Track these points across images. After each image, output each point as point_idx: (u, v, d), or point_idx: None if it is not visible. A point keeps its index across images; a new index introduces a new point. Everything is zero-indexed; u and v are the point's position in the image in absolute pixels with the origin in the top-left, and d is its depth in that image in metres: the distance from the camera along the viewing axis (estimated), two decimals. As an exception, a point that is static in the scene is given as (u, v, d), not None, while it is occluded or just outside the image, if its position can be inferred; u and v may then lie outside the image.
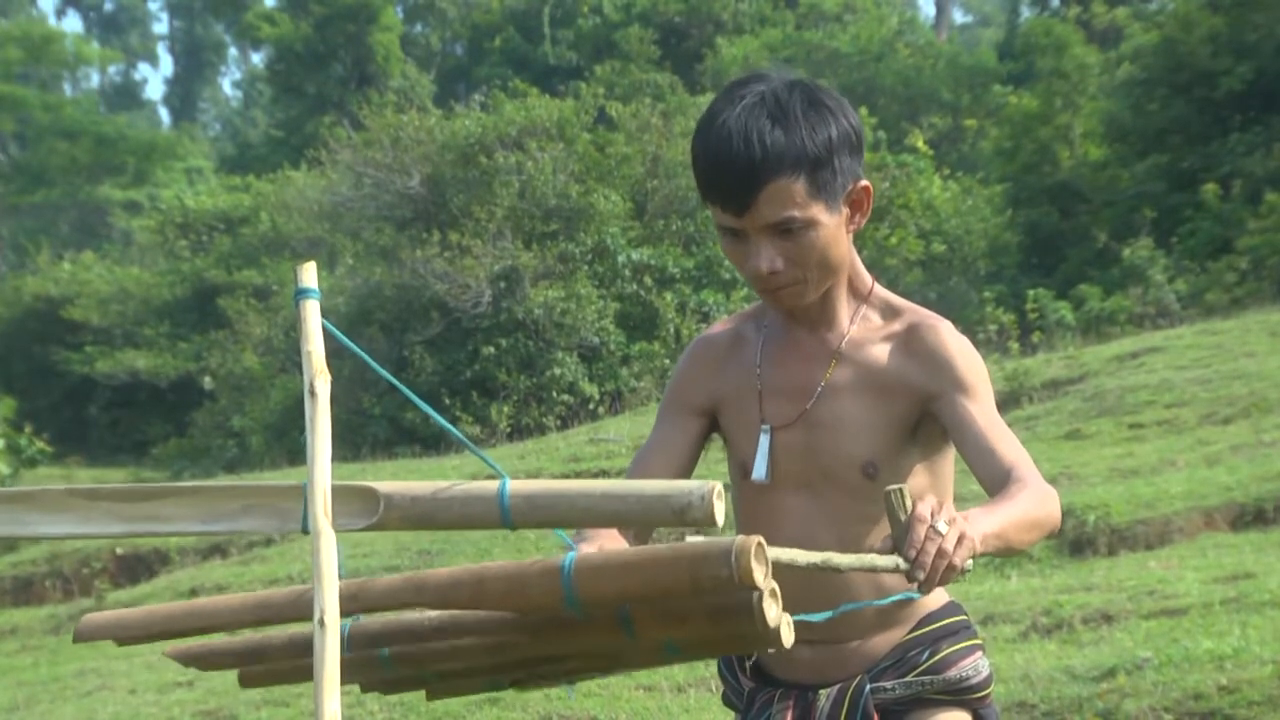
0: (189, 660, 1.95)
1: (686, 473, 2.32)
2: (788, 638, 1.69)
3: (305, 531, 1.63)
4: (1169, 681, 4.92)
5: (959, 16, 56.28)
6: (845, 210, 2.14)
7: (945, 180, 22.90)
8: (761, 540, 1.58)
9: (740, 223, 2.10)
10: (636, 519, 1.60)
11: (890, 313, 2.23)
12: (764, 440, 2.22)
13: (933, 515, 1.80)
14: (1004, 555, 1.99)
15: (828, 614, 1.88)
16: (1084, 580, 6.86)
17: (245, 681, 2.00)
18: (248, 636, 1.94)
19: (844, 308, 2.23)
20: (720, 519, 1.55)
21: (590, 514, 1.62)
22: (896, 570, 1.80)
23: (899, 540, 1.81)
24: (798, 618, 1.74)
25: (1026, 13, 33.40)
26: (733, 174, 2.06)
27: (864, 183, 2.15)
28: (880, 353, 2.20)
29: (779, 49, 29.41)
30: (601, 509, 1.61)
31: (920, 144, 23.29)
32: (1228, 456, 9.14)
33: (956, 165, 24.80)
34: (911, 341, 2.19)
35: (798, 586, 2.03)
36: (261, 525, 1.68)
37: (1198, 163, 19.84)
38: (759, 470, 2.22)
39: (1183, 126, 20.49)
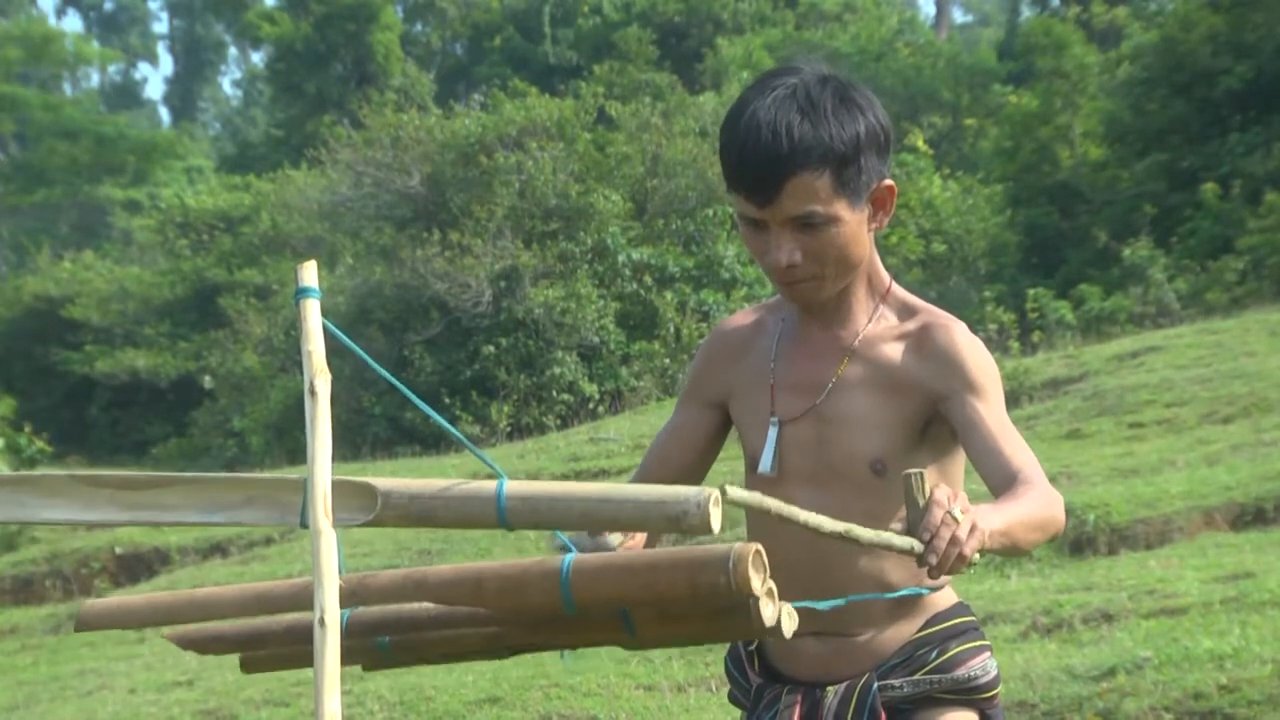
0: (188, 644, 1.95)
1: (703, 460, 2.35)
2: (789, 627, 1.69)
3: (304, 526, 1.64)
4: (1169, 681, 4.92)
5: (959, 16, 56.26)
6: (868, 208, 2.14)
7: (945, 180, 22.90)
8: (760, 548, 1.59)
9: (762, 214, 2.10)
10: (633, 524, 1.60)
11: (906, 312, 2.24)
12: (772, 433, 2.23)
13: (949, 501, 1.81)
14: (1008, 554, 2.00)
15: (834, 601, 1.88)
16: (1084, 580, 6.87)
17: (247, 667, 2.00)
18: (247, 622, 1.94)
19: (861, 305, 2.23)
20: (717, 526, 1.55)
21: (587, 517, 1.63)
22: (911, 552, 1.80)
23: (914, 523, 1.81)
24: (803, 604, 1.75)
25: (1026, 12, 33.39)
26: (758, 165, 2.07)
27: (888, 182, 2.15)
28: (893, 351, 2.20)
29: (779, 49, 29.39)
30: (598, 513, 1.61)
31: (920, 144, 23.29)
32: (1228, 456, 9.14)
33: (956, 165, 24.80)
34: (924, 341, 2.19)
35: (806, 577, 2.03)
36: (262, 518, 1.68)
37: (1197, 162, 19.82)
38: (765, 463, 2.23)
39: (1183, 126, 20.47)
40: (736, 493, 1.56)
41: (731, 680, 2.37)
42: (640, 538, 2.10)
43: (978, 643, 2.24)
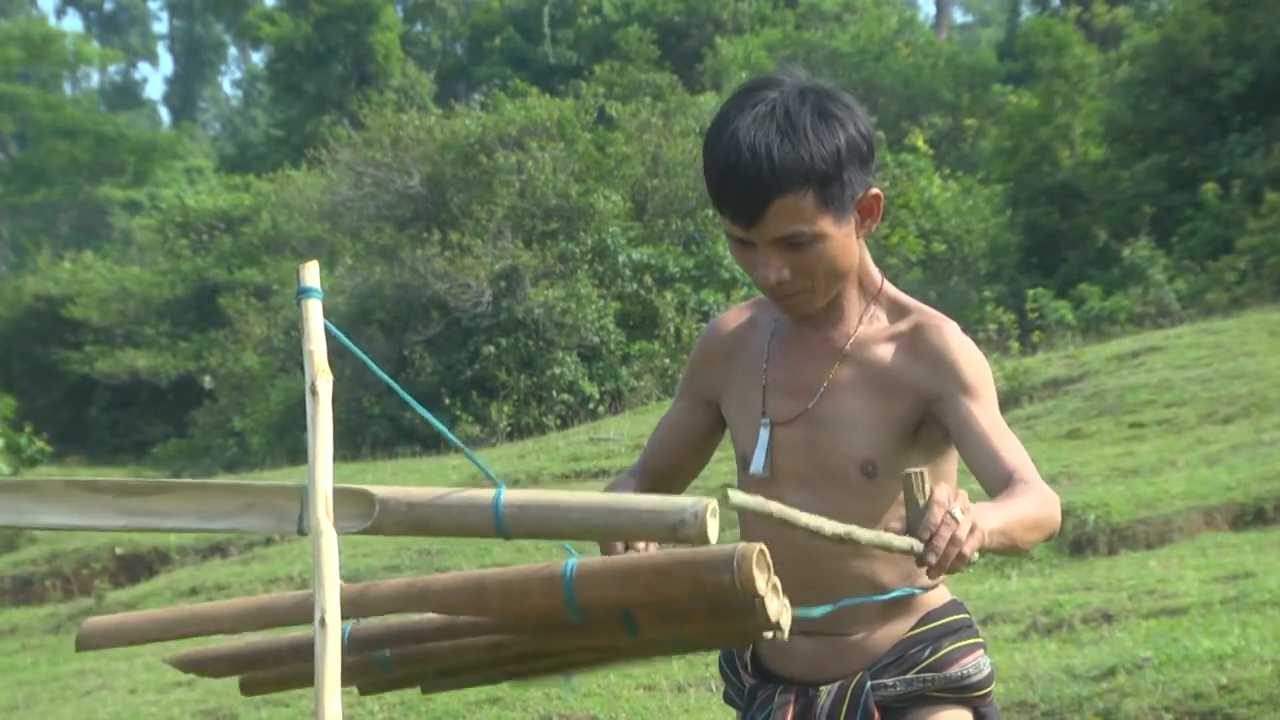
0: (189, 667, 1.94)
1: (700, 453, 2.39)
2: (785, 624, 1.69)
3: (301, 533, 1.63)
4: (1169, 681, 4.92)
5: (959, 16, 56.25)
6: (855, 217, 2.14)
7: (945, 180, 22.89)
8: (763, 547, 1.58)
9: (749, 234, 2.11)
10: (630, 533, 1.60)
11: (897, 312, 2.24)
12: (764, 434, 2.23)
13: (949, 501, 1.81)
14: (1006, 554, 2.00)
15: (826, 608, 1.88)
16: (1084, 580, 6.86)
17: (247, 689, 1.99)
18: (248, 642, 1.93)
19: (852, 307, 2.23)
20: (714, 536, 1.55)
21: (584, 526, 1.63)
22: (910, 552, 1.81)
23: (914, 522, 1.81)
24: (797, 612, 1.75)
25: (1026, 12, 33.37)
26: (741, 188, 2.07)
27: (874, 190, 2.15)
28: (885, 352, 2.20)
29: (779, 49, 29.37)
30: (595, 522, 1.62)
31: (920, 144, 23.28)
32: (1228, 456, 9.13)
33: (956, 165, 24.78)
34: (916, 342, 2.19)
35: (797, 578, 2.03)
36: (259, 525, 1.68)
37: (1197, 163, 19.82)
38: (758, 464, 2.23)
39: (1183, 126, 20.47)
40: (738, 496, 1.56)
41: (726, 680, 2.38)
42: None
43: (970, 640, 2.24)
